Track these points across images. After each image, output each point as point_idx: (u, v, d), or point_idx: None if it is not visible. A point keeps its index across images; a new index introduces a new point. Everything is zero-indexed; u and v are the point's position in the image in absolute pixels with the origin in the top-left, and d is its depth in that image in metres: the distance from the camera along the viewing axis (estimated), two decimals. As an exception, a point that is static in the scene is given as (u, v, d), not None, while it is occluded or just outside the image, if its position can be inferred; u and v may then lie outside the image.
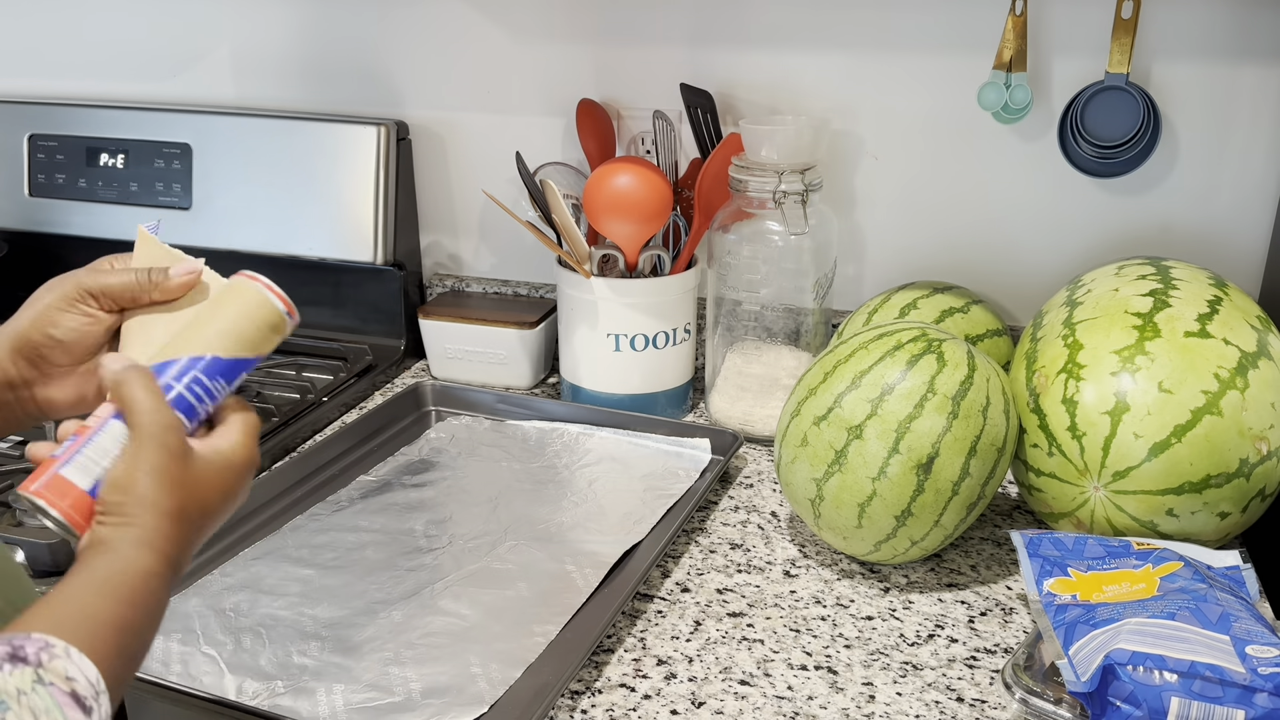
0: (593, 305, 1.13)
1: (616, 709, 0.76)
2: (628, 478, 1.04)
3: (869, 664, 0.80)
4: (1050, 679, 0.73)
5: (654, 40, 1.23)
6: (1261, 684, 0.65)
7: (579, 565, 0.90)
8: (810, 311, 1.12)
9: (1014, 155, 1.16)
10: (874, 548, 0.89)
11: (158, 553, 0.57)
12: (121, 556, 0.56)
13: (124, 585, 0.55)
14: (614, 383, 1.16)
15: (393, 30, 1.31)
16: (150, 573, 0.56)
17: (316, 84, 1.36)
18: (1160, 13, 1.07)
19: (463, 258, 1.39)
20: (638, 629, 0.84)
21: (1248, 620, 0.70)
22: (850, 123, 1.20)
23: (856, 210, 1.23)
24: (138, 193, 1.35)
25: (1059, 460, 0.87)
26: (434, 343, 1.28)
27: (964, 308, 1.08)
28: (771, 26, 1.18)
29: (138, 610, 0.55)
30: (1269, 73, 1.07)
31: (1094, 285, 0.95)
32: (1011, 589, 0.90)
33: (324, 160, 1.29)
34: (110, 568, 0.55)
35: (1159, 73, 1.09)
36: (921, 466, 0.84)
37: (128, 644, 0.54)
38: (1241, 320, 0.88)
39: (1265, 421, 0.84)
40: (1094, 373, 0.86)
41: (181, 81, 1.42)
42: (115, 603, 0.54)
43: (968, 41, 1.13)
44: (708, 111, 1.18)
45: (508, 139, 1.31)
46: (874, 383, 0.86)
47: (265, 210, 1.31)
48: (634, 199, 1.10)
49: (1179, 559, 0.80)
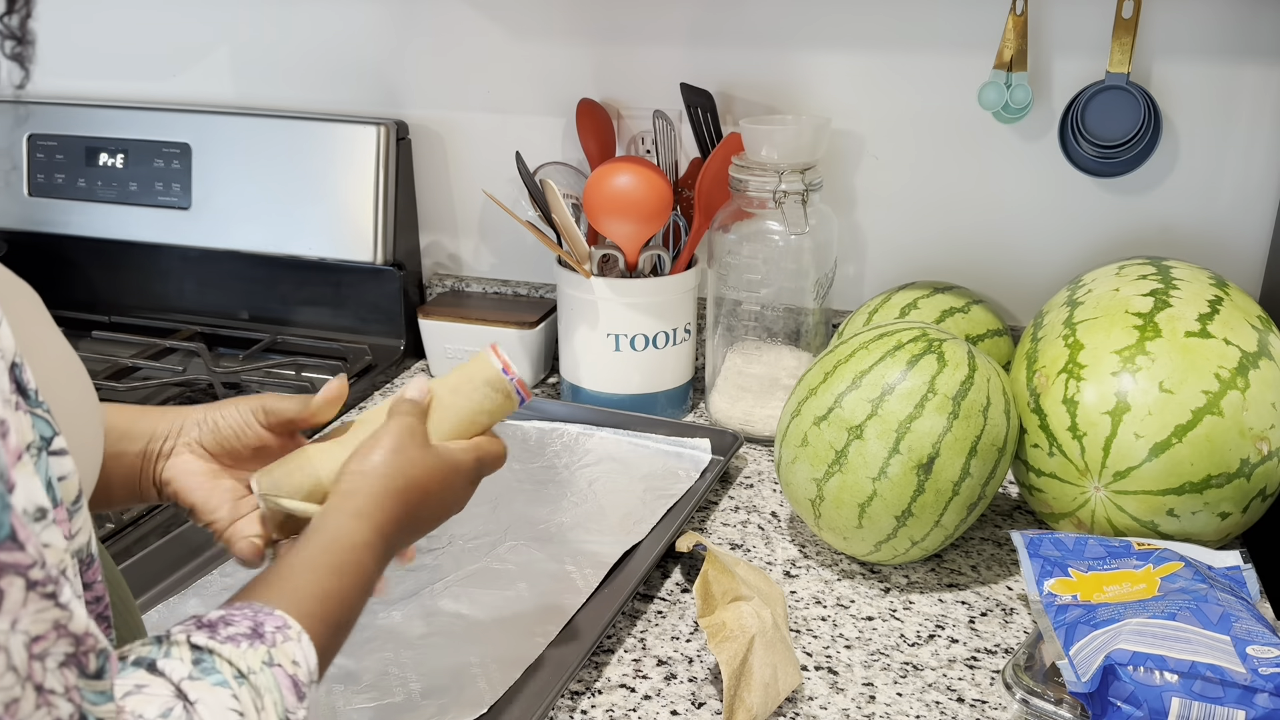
0: (593, 305, 1.13)
1: (616, 709, 0.76)
2: (628, 478, 1.04)
3: (869, 664, 0.80)
4: (1051, 679, 0.73)
5: (654, 40, 1.23)
6: (1262, 684, 0.65)
7: (579, 565, 0.90)
8: (810, 311, 1.12)
9: (1014, 155, 1.16)
10: (874, 548, 0.89)
11: (374, 526, 0.60)
12: (339, 528, 0.59)
13: (338, 557, 0.57)
14: (614, 383, 1.16)
15: (393, 30, 1.31)
16: (362, 544, 0.59)
17: (316, 84, 1.36)
18: (1161, 12, 1.07)
19: (462, 258, 1.39)
20: (638, 629, 0.84)
21: (1248, 620, 0.70)
22: (850, 123, 1.19)
23: (856, 210, 1.23)
24: (137, 192, 1.35)
25: (1059, 460, 0.87)
26: (434, 343, 1.28)
27: (964, 308, 1.08)
28: (771, 26, 1.18)
29: (345, 580, 0.57)
30: (1269, 73, 1.07)
31: (1095, 285, 0.95)
32: (1012, 589, 0.89)
33: (324, 160, 1.29)
34: (326, 541, 0.58)
35: (1159, 72, 1.09)
36: (922, 467, 0.84)
37: (336, 614, 0.56)
38: (1242, 320, 0.88)
39: (1266, 421, 0.84)
40: (1095, 373, 0.86)
41: (181, 81, 1.41)
42: (330, 574, 0.56)
43: (968, 41, 1.13)
44: (708, 111, 1.18)
45: (508, 139, 1.31)
46: (874, 383, 0.86)
47: (265, 210, 1.31)
48: (634, 199, 1.10)
49: (1180, 559, 0.79)
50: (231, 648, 0.49)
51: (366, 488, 0.61)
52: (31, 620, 0.38)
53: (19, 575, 0.37)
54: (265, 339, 1.34)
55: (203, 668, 0.47)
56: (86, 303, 1.45)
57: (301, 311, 1.37)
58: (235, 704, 0.46)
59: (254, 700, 0.48)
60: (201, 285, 1.40)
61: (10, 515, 0.37)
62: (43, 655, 0.38)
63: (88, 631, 0.40)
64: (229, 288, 1.39)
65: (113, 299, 1.44)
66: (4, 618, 0.37)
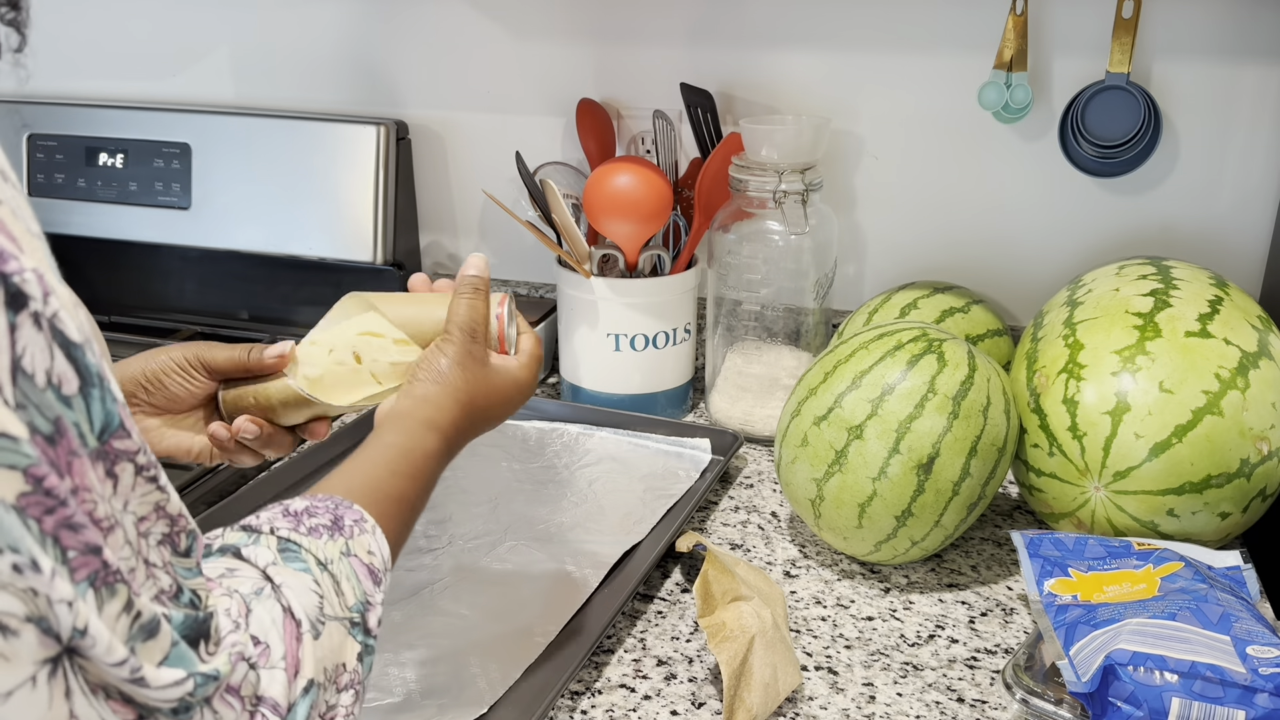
0: (593, 305, 1.13)
1: (616, 709, 0.76)
2: (628, 478, 1.04)
3: (869, 664, 0.80)
4: (1051, 679, 0.73)
5: (654, 40, 1.23)
6: (1262, 684, 0.65)
7: (579, 565, 0.90)
8: (810, 311, 1.12)
9: (1014, 155, 1.16)
10: (874, 548, 0.89)
11: (442, 435, 0.65)
12: (411, 435, 0.63)
13: (411, 463, 0.62)
14: (614, 383, 1.16)
15: (393, 30, 1.31)
16: (432, 453, 0.64)
17: (316, 84, 1.36)
18: (1161, 12, 1.07)
19: (462, 258, 1.39)
20: (638, 629, 0.84)
21: (1248, 620, 0.70)
22: (850, 123, 1.19)
23: (856, 210, 1.23)
24: (137, 192, 1.35)
25: (1060, 460, 0.87)
26: (434, 343, 1.28)
27: (964, 307, 1.08)
28: (772, 26, 1.18)
29: (417, 485, 0.62)
30: (1269, 72, 1.07)
31: (1095, 285, 0.95)
32: (1012, 589, 0.89)
33: (324, 160, 1.29)
34: (401, 446, 0.63)
35: (1160, 72, 1.09)
36: (922, 467, 0.84)
37: (405, 516, 0.61)
38: (1242, 320, 0.88)
39: (1266, 421, 0.84)
40: (1095, 373, 0.86)
41: (181, 81, 1.41)
42: (402, 479, 0.61)
43: (968, 41, 1.13)
44: (708, 111, 1.18)
45: (508, 139, 1.31)
46: (874, 383, 0.86)
47: (265, 210, 1.31)
48: (634, 199, 1.09)
49: (1180, 559, 0.79)
50: (313, 539, 0.53)
51: (438, 397, 0.66)
52: (138, 502, 0.42)
53: (129, 460, 0.41)
54: (265, 339, 1.34)
55: (287, 556, 0.52)
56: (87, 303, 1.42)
57: (301, 311, 1.37)
58: (316, 588, 0.51)
59: (333, 586, 0.52)
60: (201, 285, 1.40)
61: (118, 407, 0.40)
62: (146, 534, 0.42)
63: (180, 513, 0.44)
64: (229, 288, 1.39)
65: (113, 299, 1.44)
66: (119, 499, 0.41)
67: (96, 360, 0.40)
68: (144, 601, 0.40)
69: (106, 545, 0.39)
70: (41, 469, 0.36)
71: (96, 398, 0.39)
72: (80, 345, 0.39)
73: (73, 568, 0.37)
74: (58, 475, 0.37)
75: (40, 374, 0.37)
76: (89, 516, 0.39)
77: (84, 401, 0.39)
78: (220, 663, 0.44)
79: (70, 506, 0.37)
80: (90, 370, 0.39)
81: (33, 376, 0.37)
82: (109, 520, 0.40)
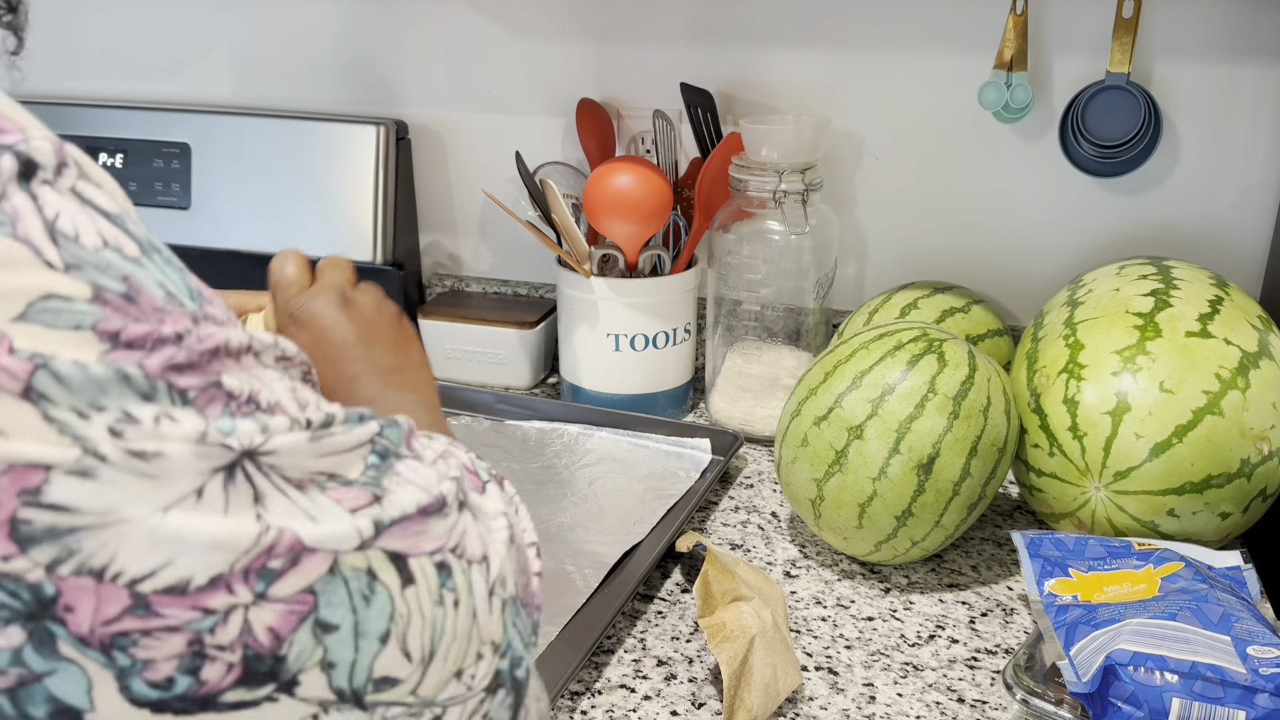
0: (593, 305, 1.13)
1: (616, 709, 0.75)
2: (628, 478, 1.04)
3: (869, 664, 0.80)
4: (1051, 680, 0.73)
5: (654, 40, 1.23)
6: (1263, 684, 0.65)
7: (579, 565, 0.90)
8: (810, 311, 1.12)
9: (1014, 155, 1.16)
10: (874, 548, 0.89)
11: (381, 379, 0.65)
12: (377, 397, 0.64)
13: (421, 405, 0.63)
14: (614, 383, 1.16)
15: (393, 30, 1.31)
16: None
17: (316, 84, 1.36)
18: (1161, 12, 1.07)
19: (462, 258, 1.39)
20: (638, 629, 0.84)
21: (1249, 621, 0.70)
22: (850, 123, 1.19)
23: (856, 210, 1.23)
24: (137, 193, 1.35)
25: (1060, 460, 0.87)
26: (433, 343, 1.28)
27: (965, 307, 1.08)
28: (772, 26, 1.18)
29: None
30: (1270, 72, 1.07)
31: (1095, 285, 0.95)
32: (1012, 589, 0.89)
33: (323, 160, 1.29)
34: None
35: (1160, 72, 1.09)
36: (922, 467, 0.84)
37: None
38: (1243, 320, 0.88)
39: (1266, 421, 0.84)
40: (1095, 373, 0.86)
41: (181, 81, 1.41)
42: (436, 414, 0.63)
43: (968, 41, 1.13)
44: (708, 111, 1.18)
45: (508, 139, 1.31)
46: (874, 383, 0.86)
47: (264, 210, 1.31)
48: (634, 199, 1.09)
49: (1180, 559, 0.79)
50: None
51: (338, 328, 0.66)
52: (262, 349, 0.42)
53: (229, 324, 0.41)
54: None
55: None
56: (86, 303, 1.45)
57: (301, 311, 1.37)
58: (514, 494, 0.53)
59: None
60: (201, 285, 1.40)
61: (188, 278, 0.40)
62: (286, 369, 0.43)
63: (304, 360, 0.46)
64: (229, 287, 1.37)
65: (112, 299, 1.44)
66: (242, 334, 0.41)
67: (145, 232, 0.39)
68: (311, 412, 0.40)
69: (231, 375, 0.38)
70: (112, 323, 0.35)
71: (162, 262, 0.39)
72: (119, 216, 0.38)
73: (198, 407, 0.36)
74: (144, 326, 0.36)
75: (88, 235, 0.36)
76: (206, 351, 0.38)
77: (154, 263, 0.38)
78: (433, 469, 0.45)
79: (170, 347, 0.36)
80: (144, 239, 0.38)
81: (77, 238, 0.35)
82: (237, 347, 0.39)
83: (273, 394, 0.40)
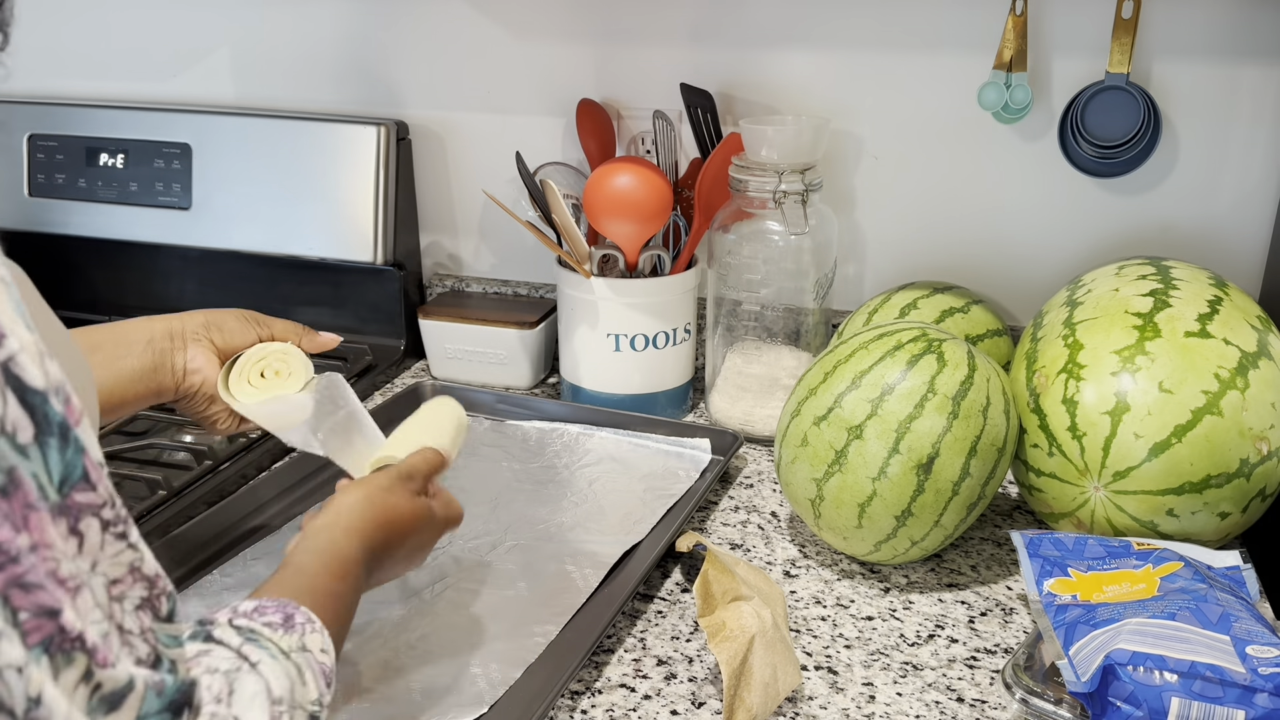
0: (593, 305, 1.13)
1: (616, 709, 0.76)
2: (628, 478, 1.04)
3: (869, 664, 0.80)
4: (1050, 679, 0.73)
5: (654, 40, 1.23)
6: (1262, 684, 0.65)
7: (579, 565, 0.90)
8: (810, 311, 1.12)
9: (1014, 155, 1.16)
10: (874, 548, 0.89)
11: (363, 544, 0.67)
12: (332, 540, 0.66)
13: (338, 564, 0.64)
14: (614, 383, 1.16)
15: (393, 30, 1.31)
16: (354, 559, 0.66)
17: (316, 84, 1.36)
18: (1160, 12, 1.07)
19: (462, 258, 1.39)
20: (638, 629, 0.84)
21: (1248, 620, 0.70)
22: (850, 123, 1.19)
23: (856, 210, 1.23)
24: (137, 193, 1.35)
25: (1059, 460, 0.87)
26: (434, 343, 1.28)
27: (964, 308, 1.08)
28: (772, 26, 1.18)
29: (346, 585, 0.64)
30: (1269, 73, 1.07)
31: (1094, 285, 0.95)
32: (1012, 589, 0.89)
33: (324, 160, 1.29)
34: (326, 547, 0.65)
35: (1159, 72, 1.09)
36: (922, 466, 0.84)
37: (343, 616, 0.62)
38: (1242, 320, 0.88)
39: (1265, 421, 0.84)
40: (1094, 373, 0.86)
41: (181, 81, 1.42)
42: (336, 579, 0.63)
43: (968, 41, 1.13)
44: (708, 111, 1.18)
45: (508, 139, 1.31)
46: (874, 383, 0.86)
47: (265, 210, 1.31)
48: (634, 199, 1.10)
49: (1179, 559, 0.80)
50: (270, 631, 0.54)
51: (359, 508, 0.69)
52: (110, 562, 0.40)
53: (94, 515, 0.39)
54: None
55: (252, 643, 0.52)
56: (87, 303, 1.45)
57: (301, 312, 1.37)
58: (289, 670, 0.52)
59: (298, 675, 0.52)
60: (202, 285, 1.40)
61: (83, 457, 0.39)
62: (121, 597, 0.41)
63: (157, 574, 0.43)
64: (229, 288, 1.39)
65: (113, 299, 1.44)
66: (85, 558, 0.39)
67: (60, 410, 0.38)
68: (110, 672, 0.38)
69: (70, 608, 0.37)
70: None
71: (55, 447, 0.38)
72: (41, 392, 0.37)
73: (25, 630, 0.35)
74: (11, 529, 0.35)
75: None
76: (51, 575, 0.37)
77: (40, 451, 0.37)
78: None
79: (23, 563, 0.35)
80: (50, 419, 0.37)
81: None
82: (74, 580, 0.38)
83: None
